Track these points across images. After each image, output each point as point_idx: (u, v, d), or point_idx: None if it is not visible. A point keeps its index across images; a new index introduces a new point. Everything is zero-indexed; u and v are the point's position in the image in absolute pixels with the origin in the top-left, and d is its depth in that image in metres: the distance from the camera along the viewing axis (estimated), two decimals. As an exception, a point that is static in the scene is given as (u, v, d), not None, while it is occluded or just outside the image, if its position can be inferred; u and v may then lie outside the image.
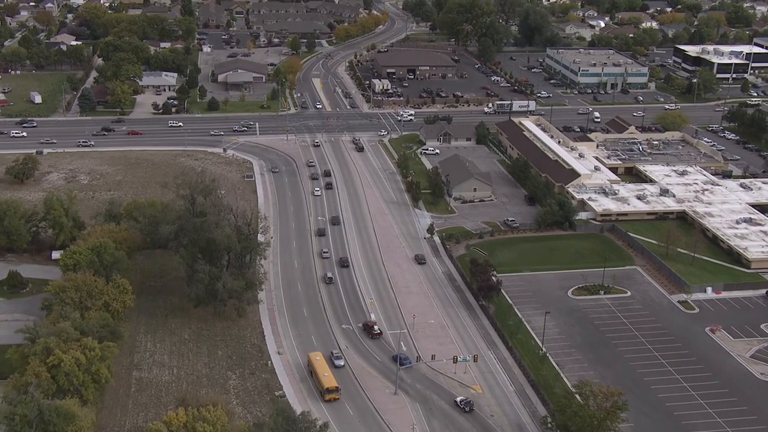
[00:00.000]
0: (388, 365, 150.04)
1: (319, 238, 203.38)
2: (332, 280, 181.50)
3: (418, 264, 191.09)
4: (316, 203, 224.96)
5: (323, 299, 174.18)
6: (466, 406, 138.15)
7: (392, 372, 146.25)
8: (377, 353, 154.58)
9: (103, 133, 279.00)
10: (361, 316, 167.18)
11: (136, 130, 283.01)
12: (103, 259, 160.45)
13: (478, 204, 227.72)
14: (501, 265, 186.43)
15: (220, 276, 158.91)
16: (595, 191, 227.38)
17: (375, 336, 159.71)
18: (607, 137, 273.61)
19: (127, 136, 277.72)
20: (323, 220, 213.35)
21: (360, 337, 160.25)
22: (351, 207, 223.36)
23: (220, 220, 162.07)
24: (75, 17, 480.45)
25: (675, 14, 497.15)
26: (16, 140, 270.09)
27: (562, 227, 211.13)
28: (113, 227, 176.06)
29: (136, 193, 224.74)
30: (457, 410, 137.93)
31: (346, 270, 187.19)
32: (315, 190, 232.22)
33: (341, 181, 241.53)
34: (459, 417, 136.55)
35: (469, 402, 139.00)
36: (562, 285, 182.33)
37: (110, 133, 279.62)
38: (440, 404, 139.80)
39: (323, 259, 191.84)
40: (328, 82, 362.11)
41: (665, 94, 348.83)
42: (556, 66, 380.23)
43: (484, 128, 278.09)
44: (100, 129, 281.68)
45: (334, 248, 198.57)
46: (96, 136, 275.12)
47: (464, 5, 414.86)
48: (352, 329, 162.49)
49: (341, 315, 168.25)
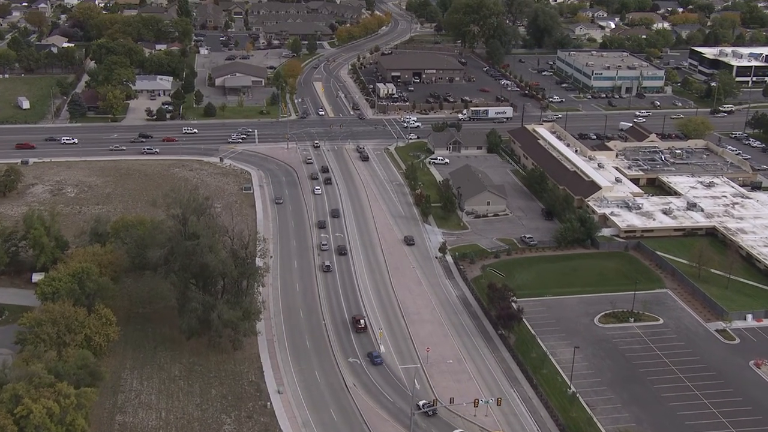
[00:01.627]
0: (401, 407, 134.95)
1: (321, 253, 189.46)
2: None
3: (406, 245, 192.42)
4: (318, 210, 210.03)
5: (327, 328, 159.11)
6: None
7: (406, 415, 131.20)
8: (388, 392, 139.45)
9: (141, 140, 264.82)
10: (369, 348, 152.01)
11: (171, 137, 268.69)
12: (85, 287, 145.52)
13: (492, 219, 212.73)
14: (520, 289, 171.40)
15: (214, 305, 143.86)
16: (617, 205, 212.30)
17: (360, 330, 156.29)
18: (626, 146, 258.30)
19: (132, 144, 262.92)
20: (327, 237, 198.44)
21: (368, 372, 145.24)
22: (357, 223, 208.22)
23: (215, 242, 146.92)
24: (68, 18, 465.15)
25: (688, 15, 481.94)
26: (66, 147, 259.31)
27: (583, 245, 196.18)
28: (98, 249, 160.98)
29: (126, 207, 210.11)
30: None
31: (353, 294, 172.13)
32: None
33: (345, 194, 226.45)
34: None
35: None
36: (588, 311, 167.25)
37: (148, 140, 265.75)
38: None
39: (327, 282, 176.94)
40: (330, 86, 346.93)
41: (683, 98, 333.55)
42: (567, 69, 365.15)
43: (495, 136, 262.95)
44: (137, 135, 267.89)
45: (338, 267, 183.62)
46: (134, 143, 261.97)
47: (471, 5, 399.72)
48: (359, 363, 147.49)
49: (347, 346, 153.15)
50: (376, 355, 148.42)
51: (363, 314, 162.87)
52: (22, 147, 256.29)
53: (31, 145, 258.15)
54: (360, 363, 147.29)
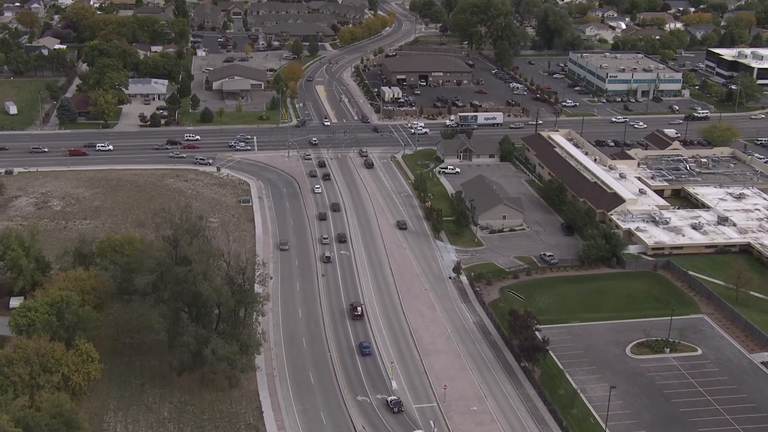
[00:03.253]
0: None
1: (325, 271, 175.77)
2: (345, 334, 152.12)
3: (399, 229, 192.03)
4: (322, 231, 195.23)
5: (333, 360, 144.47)
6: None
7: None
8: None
9: (167, 147, 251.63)
10: (380, 385, 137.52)
11: (192, 144, 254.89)
12: (65, 319, 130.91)
13: (508, 234, 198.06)
14: (542, 313, 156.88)
15: (208, 339, 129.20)
16: (642, 219, 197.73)
17: (356, 318, 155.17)
18: (648, 154, 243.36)
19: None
20: (331, 256, 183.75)
21: (379, 412, 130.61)
22: (363, 238, 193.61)
23: (209, 269, 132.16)
24: (61, 19, 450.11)
25: (701, 15, 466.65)
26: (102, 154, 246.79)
27: (608, 264, 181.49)
28: (80, 273, 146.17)
29: (116, 222, 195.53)
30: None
31: (360, 322, 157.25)
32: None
33: (350, 206, 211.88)
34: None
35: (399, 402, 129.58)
36: (618, 339, 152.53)
37: (174, 147, 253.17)
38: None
39: (332, 306, 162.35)
40: (333, 90, 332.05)
41: (701, 102, 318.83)
42: (579, 71, 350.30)
43: (509, 143, 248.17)
44: (165, 142, 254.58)
45: (344, 290, 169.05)
46: (158, 150, 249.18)
47: (479, 5, 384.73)
48: (370, 402, 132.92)
49: (355, 382, 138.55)
50: (366, 345, 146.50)
51: (361, 302, 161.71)
52: (75, 153, 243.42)
53: (83, 151, 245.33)
54: (370, 402, 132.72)
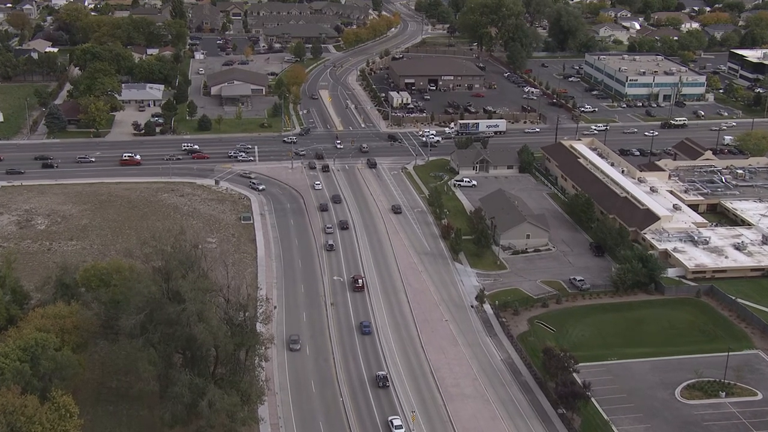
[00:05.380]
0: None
1: (334, 295, 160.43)
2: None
3: (394, 214, 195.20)
4: (330, 255, 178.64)
5: (347, 407, 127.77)
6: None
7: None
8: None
9: (177, 157, 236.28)
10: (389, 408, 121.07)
11: (202, 154, 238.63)
12: (40, 366, 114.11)
13: (533, 255, 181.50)
14: (576, 348, 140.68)
15: (204, 390, 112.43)
16: (680, 239, 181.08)
17: (357, 289, 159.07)
18: (678, 165, 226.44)
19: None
20: (340, 280, 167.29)
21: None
22: (374, 259, 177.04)
23: (204, 308, 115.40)
24: (54, 20, 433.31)
25: (719, 14, 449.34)
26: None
27: (646, 290, 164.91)
28: (61, 309, 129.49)
29: (104, 243, 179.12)
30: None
31: (375, 357, 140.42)
32: (327, 229, 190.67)
33: (360, 224, 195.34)
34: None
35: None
36: (664, 380, 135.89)
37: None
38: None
39: (344, 341, 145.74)
40: (338, 95, 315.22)
41: (727, 106, 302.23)
42: (596, 74, 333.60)
43: (528, 153, 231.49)
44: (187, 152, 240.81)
45: (355, 319, 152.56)
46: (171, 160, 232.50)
47: (489, 5, 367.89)
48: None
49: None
50: (366, 324, 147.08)
51: (361, 274, 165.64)
52: (127, 163, 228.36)
53: (137, 161, 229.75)
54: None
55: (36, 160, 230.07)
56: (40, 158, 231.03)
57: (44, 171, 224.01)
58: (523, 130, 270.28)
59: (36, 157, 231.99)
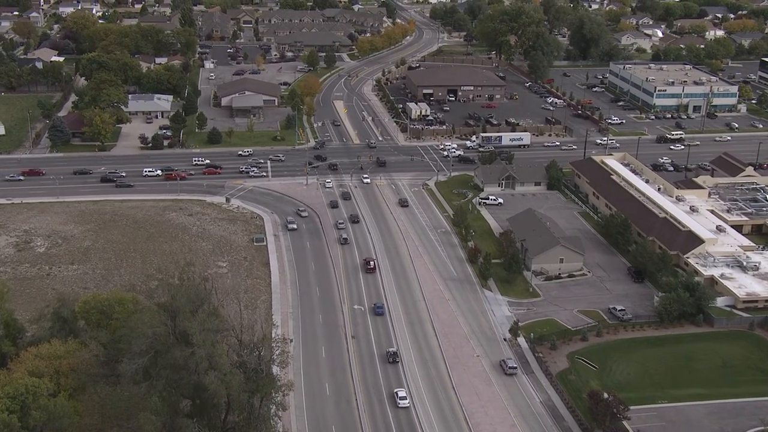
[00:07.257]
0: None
1: (354, 319, 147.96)
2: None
3: (401, 207, 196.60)
4: (350, 283, 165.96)
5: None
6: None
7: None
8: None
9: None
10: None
11: (213, 170, 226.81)
12: (30, 417, 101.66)
13: (567, 281, 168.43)
14: (622, 388, 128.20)
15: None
16: (727, 264, 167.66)
17: (370, 271, 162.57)
18: (718, 182, 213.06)
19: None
20: (361, 309, 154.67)
21: None
22: (398, 287, 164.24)
23: (215, 352, 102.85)
24: (61, 29, 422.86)
25: (745, 21, 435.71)
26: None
27: (693, 321, 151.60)
28: (56, 349, 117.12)
29: (107, 268, 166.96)
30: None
31: (403, 407, 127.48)
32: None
33: (382, 253, 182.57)
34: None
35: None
36: (725, 429, 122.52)
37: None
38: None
39: (366, 377, 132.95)
40: (353, 106, 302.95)
41: (762, 118, 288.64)
42: (622, 84, 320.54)
43: (556, 169, 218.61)
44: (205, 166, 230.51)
45: (378, 349, 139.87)
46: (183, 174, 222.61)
47: (509, 13, 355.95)
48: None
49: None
50: (379, 305, 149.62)
51: (373, 257, 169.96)
52: (170, 178, 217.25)
53: (183, 175, 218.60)
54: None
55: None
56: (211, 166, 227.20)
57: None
58: (543, 143, 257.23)
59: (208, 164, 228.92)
